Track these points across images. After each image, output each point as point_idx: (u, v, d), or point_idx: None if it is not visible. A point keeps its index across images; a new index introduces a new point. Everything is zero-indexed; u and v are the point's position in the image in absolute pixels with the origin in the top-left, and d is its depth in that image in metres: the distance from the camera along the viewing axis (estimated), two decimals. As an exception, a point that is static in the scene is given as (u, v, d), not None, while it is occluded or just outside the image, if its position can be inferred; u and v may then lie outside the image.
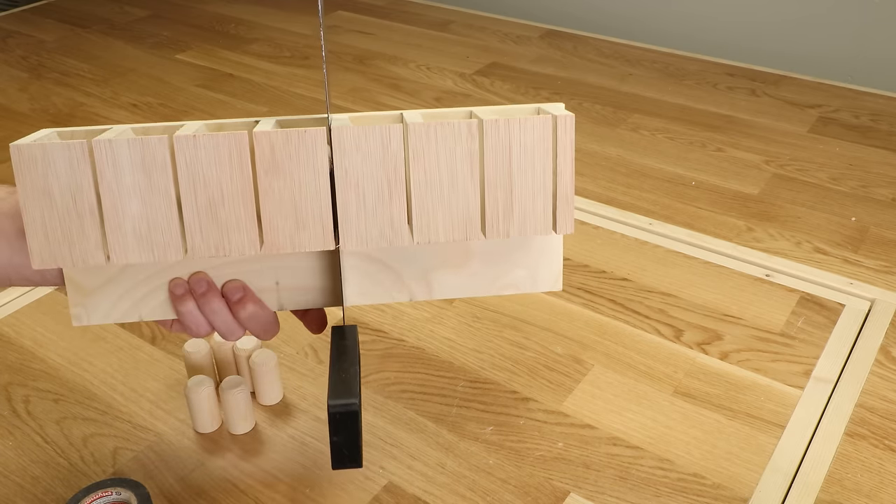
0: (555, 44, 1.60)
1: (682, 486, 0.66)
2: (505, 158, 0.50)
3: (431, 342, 0.81)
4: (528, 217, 0.51)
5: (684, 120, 1.28)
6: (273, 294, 0.56)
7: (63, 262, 0.50)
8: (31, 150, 0.47)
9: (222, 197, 0.49)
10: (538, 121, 0.49)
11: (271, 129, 0.49)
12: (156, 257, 0.50)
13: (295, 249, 0.51)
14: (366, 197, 0.50)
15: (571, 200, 0.51)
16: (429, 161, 0.49)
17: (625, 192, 1.08)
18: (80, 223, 0.49)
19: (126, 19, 1.76)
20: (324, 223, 0.50)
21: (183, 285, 0.54)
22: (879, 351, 0.80)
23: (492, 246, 0.56)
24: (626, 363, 0.78)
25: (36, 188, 0.48)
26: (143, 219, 0.49)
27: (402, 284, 0.56)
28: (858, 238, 0.98)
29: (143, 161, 0.48)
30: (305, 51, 1.58)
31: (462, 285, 0.57)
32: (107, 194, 0.48)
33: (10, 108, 1.35)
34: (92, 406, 0.74)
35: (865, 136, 1.23)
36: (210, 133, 0.48)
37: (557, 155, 0.50)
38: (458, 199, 0.50)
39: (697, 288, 0.89)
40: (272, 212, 0.50)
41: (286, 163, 0.49)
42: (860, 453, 0.69)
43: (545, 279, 0.58)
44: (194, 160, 0.48)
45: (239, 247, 0.50)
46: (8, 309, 0.86)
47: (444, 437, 0.70)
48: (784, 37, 1.61)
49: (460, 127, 0.49)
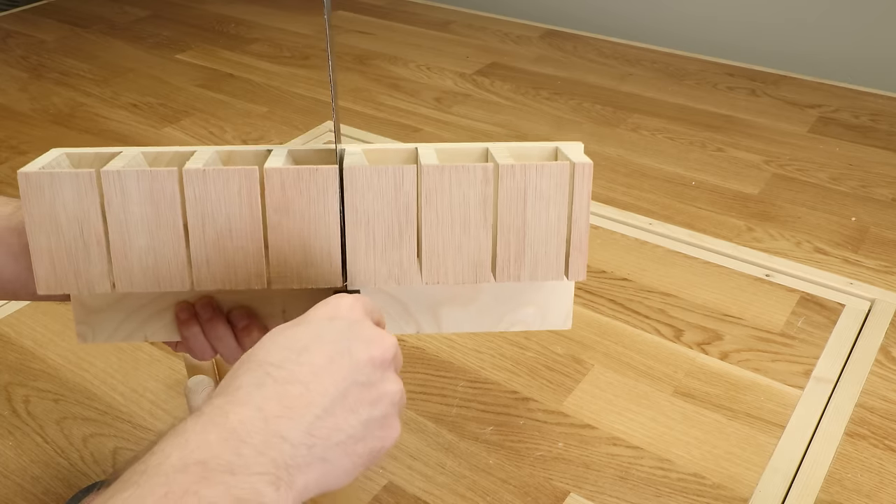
0: (555, 44, 1.60)
1: (682, 486, 0.66)
2: (519, 203, 0.49)
3: (431, 342, 0.81)
4: (540, 263, 0.50)
5: (684, 120, 1.28)
6: (279, 321, 0.55)
7: (69, 288, 0.50)
8: (39, 179, 0.47)
9: (230, 231, 0.49)
10: (555, 167, 0.48)
11: (282, 166, 0.48)
12: (161, 288, 0.50)
13: (302, 286, 0.50)
14: (376, 236, 0.49)
15: (585, 248, 0.50)
16: (441, 203, 0.48)
17: (625, 192, 1.08)
18: (86, 252, 0.49)
19: (126, 19, 1.76)
20: (332, 261, 0.50)
21: (188, 310, 0.53)
22: (879, 351, 0.80)
23: (502, 285, 0.55)
24: (626, 363, 0.78)
25: (43, 216, 0.48)
26: (150, 251, 0.49)
27: (409, 317, 0.55)
28: (858, 238, 0.98)
29: (151, 193, 0.47)
30: (305, 51, 1.58)
31: (470, 321, 0.56)
32: (114, 225, 0.48)
33: (11, 108, 1.35)
34: (92, 406, 0.74)
35: (865, 136, 1.23)
36: (220, 168, 0.47)
37: (573, 202, 0.49)
38: (469, 243, 0.49)
39: (697, 288, 0.89)
40: (280, 248, 0.49)
41: (296, 200, 0.48)
42: (860, 453, 0.69)
43: (555, 318, 0.56)
44: (203, 194, 0.47)
45: (246, 281, 0.50)
46: (8, 309, 0.86)
47: (444, 437, 0.70)
48: (784, 37, 1.61)
49: (475, 171, 0.48)
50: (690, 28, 1.70)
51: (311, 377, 0.40)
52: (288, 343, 0.41)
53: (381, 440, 0.42)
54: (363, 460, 0.41)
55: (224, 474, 0.35)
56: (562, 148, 0.51)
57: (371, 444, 0.42)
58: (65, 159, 0.50)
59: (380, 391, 0.42)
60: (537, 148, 0.52)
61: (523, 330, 0.56)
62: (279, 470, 0.37)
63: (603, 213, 1.02)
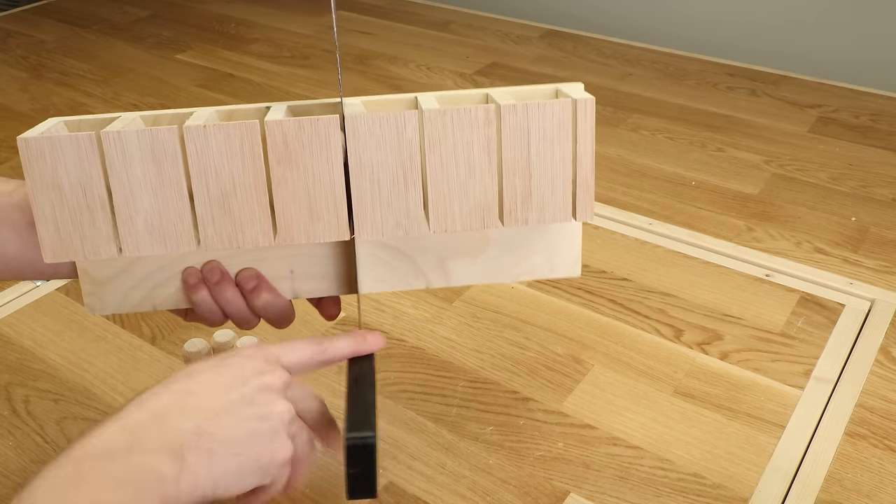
0: (555, 44, 1.60)
1: (682, 486, 0.66)
2: (523, 144, 0.48)
3: (431, 342, 0.81)
4: (547, 205, 0.50)
5: (684, 120, 1.28)
6: (287, 282, 0.55)
7: (75, 255, 0.49)
8: (39, 144, 0.47)
9: (234, 188, 0.48)
10: (557, 105, 0.48)
11: (283, 118, 0.48)
12: (168, 250, 0.49)
13: (309, 240, 0.50)
14: (381, 186, 0.49)
15: (591, 187, 0.50)
16: (445, 148, 0.48)
17: (625, 192, 1.08)
18: (90, 216, 0.49)
19: (126, 19, 1.76)
20: (338, 213, 0.49)
21: (196, 274, 0.53)
22: (879, 351, 0.80)
23: (509, 232, 0.54)
24: (626, 363, 0.78)
25: (45, 181, 0.47)
26: (155, 211, 0.49)
27: (418, 272, 0.55)
28: (858, 238, 0.98)
29: (152, 152, 0.47)
30: (305, 51, 1.58)
31: (479, 273, 0.55)
32: (117, 187, 0.48)
33: (11, 108, 1.35)
34: (92, 406, 0.74)
35: (865, 136, 1.23)
36: (221, 123, 0.47)
37: (577, 140, 0.49)
38: (475, 187, 0.49)
39: (697, 288, 0.89)
40: (286, 202, 0.49)
41: (299, 152, 0.48)
42: (860, 453, 0.69)
43: (563, 265, 0.56)
44: (205, 151, 0.47)
45: (252, 238, 0.49)
46: (8, 309, 0.86)
47: (444, 437, 0.70)
48: (784, 37, 1.61)
49: (477, 112, 0.48)
50: (690, 28, 1.70)
51: (204, 390, 0.46)
52: (188, 370, 0.48)
53: (269, 451, 0.46)
54: (250, 465, 0.46)
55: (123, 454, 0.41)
56: (562, 88, 0.51)
57: (258, 452, 0.46)
58: (63, 126, 0.50)
59: (268, 410, 0.47)
60: (538, 90, 0.52)
61: (533, 279, 0.56)
62: (173, 447, 0.42)
63: (603, 213, 1.02)
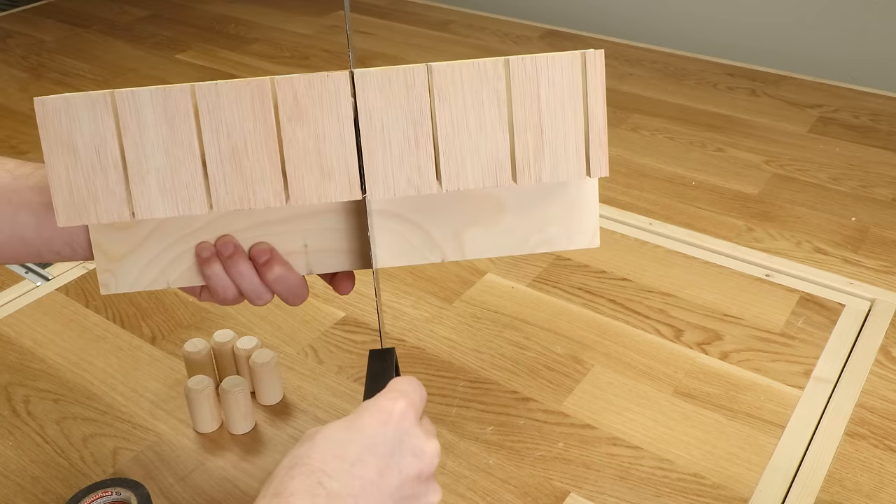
0: (555, 44, 1.60)
1: (682, 486, 0.66)
2: (534, 99, 0.48)
3: (431, 342, 0.81)
4: (560, 160, 0.49)
5: (684, 120, 1.28)
6: (301, 257, 0.55)
7: (88, 218, 0.50)
8: (55, 103, 0.47)
9: (245, 146, 0.49)
10: (566, 57, 0.48)
11: (293, 75, 0.48)
12: (180, 211, 0.50)
13: (321, 200, 0.50)
14: (392, 143, 0.49)
15: (604, 142, 0.49)
16: (455, 103, 0.48)
17: (625, 192, 1.08)
18: (104, 177, 0.49)
19: (126, 19, 1.76)
20: (349, 172, 0.49)
21: (209, 248, 0.53)
22: (879, 351, 0.80)
23: (523, 200, 0.54)
24: (626, 363, 0.78)
25: (60, 142, 0.48)
26: (168, 171, 0.49)
27: (433, 244, 0.54)
28: (858, 238, 0.98)
29: (165, 111, 0.48)
30: (305, 51, 1.58)
31: (494, 244, 0.55)
32: (130, 147, 0.48)
33: (11, 108, 1.35)
34: (92, 406, 0.74)
35: (865, 136, 1.23)
36: (232, 81, 0.48)
37: (588, 94, 0.48)
38: (486, 144, 0.49)
39: (697, 288, 0.89)
40: (297, 161, 0.49)
41: (309, 109, 0.48)
42: (860, 453, 0.69)
43: (581, 235, 0.55)
44: (216, 107, 0.48)
45: (264, 199, 0.49)
46: (8, 309, 0.86)
47: (444, 437, 0.70)
48: (784, 37, 1.61)
49: (486, 66, 0.48)
50: (690, 28, 1.70)
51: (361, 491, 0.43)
52: (341, 451, 0.44)
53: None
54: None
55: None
56: None
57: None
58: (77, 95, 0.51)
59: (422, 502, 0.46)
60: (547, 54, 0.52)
61: (550, 251, 0.55)
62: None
63: (603, 213, 1.02)
